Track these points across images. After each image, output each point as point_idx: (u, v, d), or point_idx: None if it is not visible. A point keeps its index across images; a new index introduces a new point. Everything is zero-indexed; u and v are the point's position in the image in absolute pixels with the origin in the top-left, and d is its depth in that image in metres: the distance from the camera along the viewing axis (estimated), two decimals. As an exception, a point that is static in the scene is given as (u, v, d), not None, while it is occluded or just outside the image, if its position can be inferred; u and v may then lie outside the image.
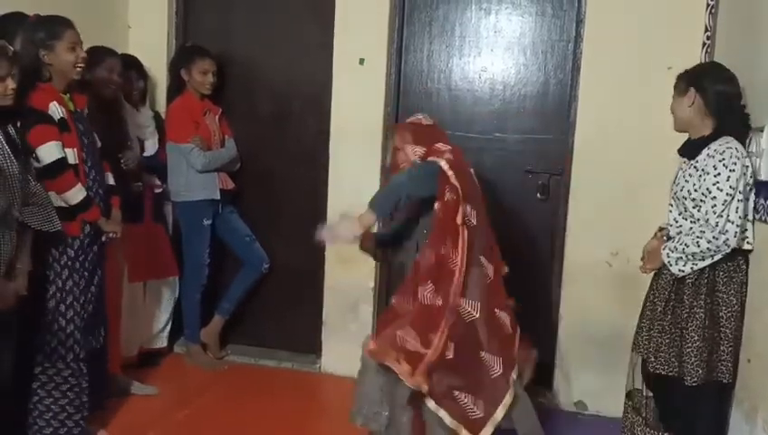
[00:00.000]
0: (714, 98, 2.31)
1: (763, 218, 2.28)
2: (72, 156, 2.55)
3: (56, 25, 2.53)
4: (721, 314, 2.31)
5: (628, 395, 2.62)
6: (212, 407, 3.20)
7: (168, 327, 3.68)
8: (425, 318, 2.23)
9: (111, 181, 2.84)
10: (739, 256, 2.32)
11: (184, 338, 3.73)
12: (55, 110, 2.50)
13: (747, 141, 2.34)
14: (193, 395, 3.29)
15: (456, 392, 2.24)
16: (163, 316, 3.63)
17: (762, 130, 2.26)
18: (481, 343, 2.29)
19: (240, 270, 3.72)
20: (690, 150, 2.38)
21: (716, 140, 2.29)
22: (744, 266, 2.33)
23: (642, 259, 2.54)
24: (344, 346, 3.58)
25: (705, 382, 2.31)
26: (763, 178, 2.25)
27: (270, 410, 3.22)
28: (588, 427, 3.17)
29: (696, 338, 2.30)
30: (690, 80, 2.36)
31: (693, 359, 2.29)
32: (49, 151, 2.47)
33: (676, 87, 2.41)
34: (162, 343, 3.67)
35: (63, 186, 2.50)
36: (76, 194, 2.53)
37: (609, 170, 3.14)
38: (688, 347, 2.30)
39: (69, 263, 2.57)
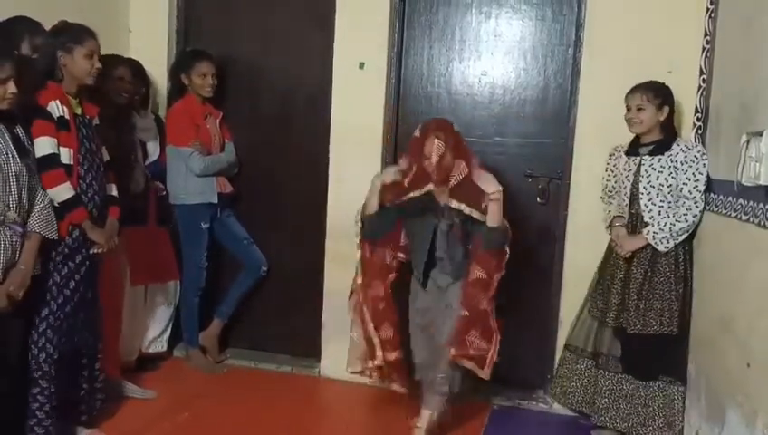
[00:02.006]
0: (673, 114, 2.93)
1: (762, 223, 2.28)
2: (66, 155, 2.55)
3: (80, 32, 2.62)
4: (688, 276, 2.88)
5: (568, 347, 3.17)
6: (211, 410, 3.20)
7: (168, 331, 3.67)
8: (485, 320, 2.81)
9: (114, 192, 2.85)
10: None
11: (183, 342, 3.73)
12: (55, 107, 2.52)
13: (745, 145, 2.34)
14: (192, 399, 3.29)
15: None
16: (163, 320, 3.63)
17: (761, 135, 2.26)
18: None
19: (238, 273, 3.72)
20: (659, 149, 2.88)
21: (678, 140, 2.89)
22: (692, 239, 2.91)
23: (614, 245, 2.97)
24: (344, 350, 3.56)
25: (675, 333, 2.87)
26: (762, 182, 2.25)
27: (269, 413, 3.22)
28: (588, 432, 3.16)
29: (680, 297, 2.85)
30: (666, 99, 2.88)
31: (677, 315, 2.85)
32: (41, 146, 2.48)
33: (647, 100, 2.86)
34: (162, 347, 3.66)
35: (51, 182, 2.51)
36: (62, 192, 2.53)
37: (608, 174, 3.14)
38: (678, 305, 2.85)
39: (49, 263, 2.55)
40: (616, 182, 3.02)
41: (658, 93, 2.87)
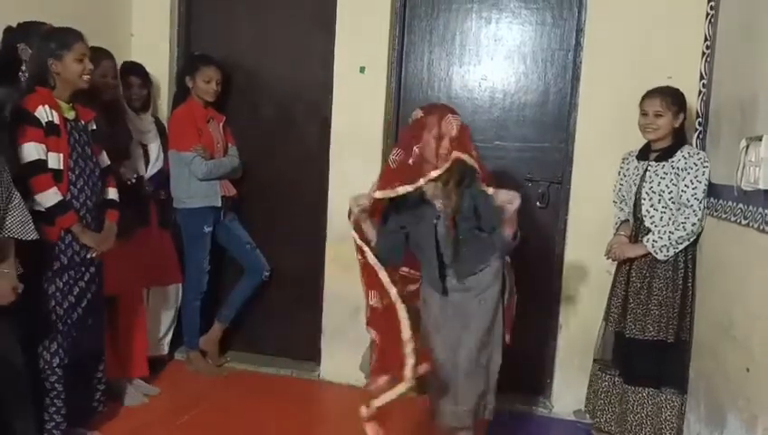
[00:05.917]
0: (686, 121, 2.91)
1: (762, 227, 2.28)
2: (55, 160, 2.55)
3: (67, 37, 2.60)
4: (689, 284, 2.85)
5: (597, 361, 3.09)
6: (211, 414, 3.20)
7: (170, 334, 3.67)
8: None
9: (112, 196, 2.84)
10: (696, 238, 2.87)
11: (184, 345, 3.73)
12: (43, 113, 2.51)
13: (745, 149, 2.35)
14: (192, 402, 3.29)
15: None
16: (165, 323, 3.62)
17: (760, 140, 2.27)
18: None
19: (241, 277, 3.72)
20: (664, 155, 2.87)
21: (683, 147, 2.86)
22: (696, 245, 2.87)
23: (612, 252, 2.96)
24: (344, 354, 3.58)
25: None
26: (761, 186, 2.25)
27: (269, 417, 3.22)
28: (587, 436, 3.17)
29: (678, 305, 2.83)
30: (682, 106, 2.86)
31: (675, 322, 2.83)
32: (27, 151, 2.48)
33: (666, 106, 2.83)
34: (163, 350, 3.65)
35: (37, 187, 2.50)
36: (49, 197, 2.52)
37: (608, 179, 3.14)
38: (675, 312, 2.83)
39: (46, 267, 2.55)
40: (627, 187, 3.01)
41: (675, 99, 2.85)
